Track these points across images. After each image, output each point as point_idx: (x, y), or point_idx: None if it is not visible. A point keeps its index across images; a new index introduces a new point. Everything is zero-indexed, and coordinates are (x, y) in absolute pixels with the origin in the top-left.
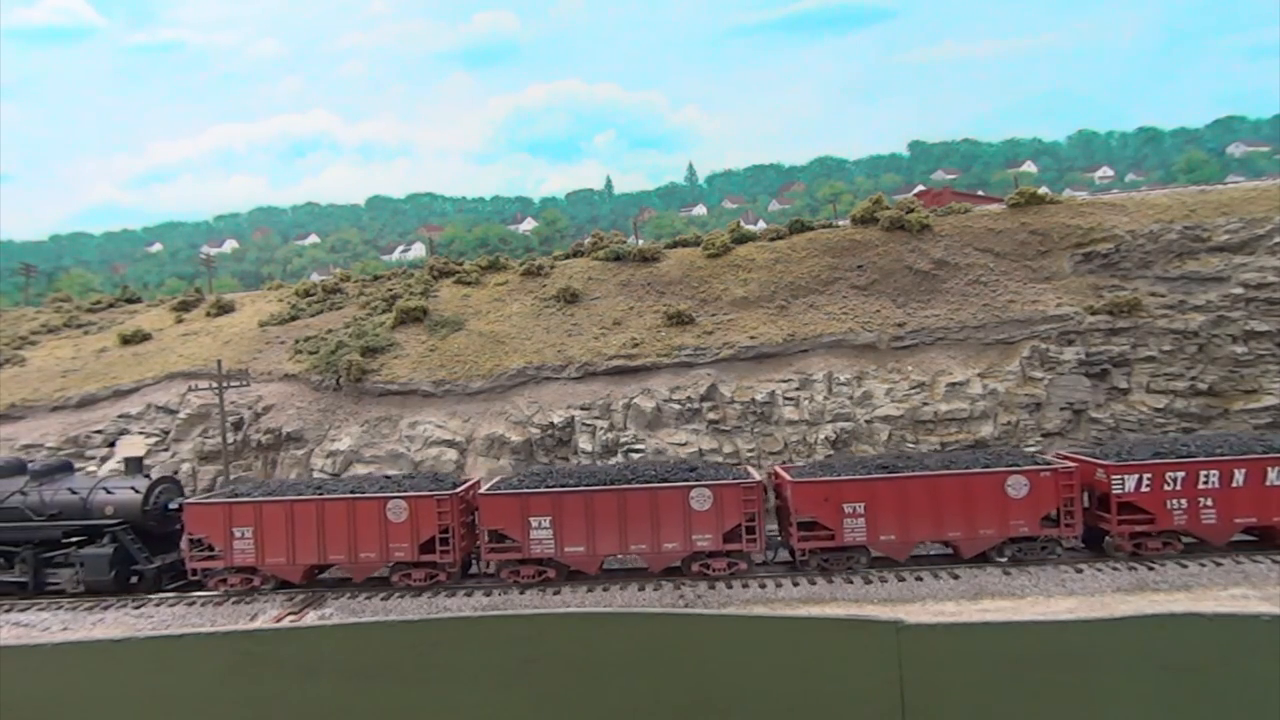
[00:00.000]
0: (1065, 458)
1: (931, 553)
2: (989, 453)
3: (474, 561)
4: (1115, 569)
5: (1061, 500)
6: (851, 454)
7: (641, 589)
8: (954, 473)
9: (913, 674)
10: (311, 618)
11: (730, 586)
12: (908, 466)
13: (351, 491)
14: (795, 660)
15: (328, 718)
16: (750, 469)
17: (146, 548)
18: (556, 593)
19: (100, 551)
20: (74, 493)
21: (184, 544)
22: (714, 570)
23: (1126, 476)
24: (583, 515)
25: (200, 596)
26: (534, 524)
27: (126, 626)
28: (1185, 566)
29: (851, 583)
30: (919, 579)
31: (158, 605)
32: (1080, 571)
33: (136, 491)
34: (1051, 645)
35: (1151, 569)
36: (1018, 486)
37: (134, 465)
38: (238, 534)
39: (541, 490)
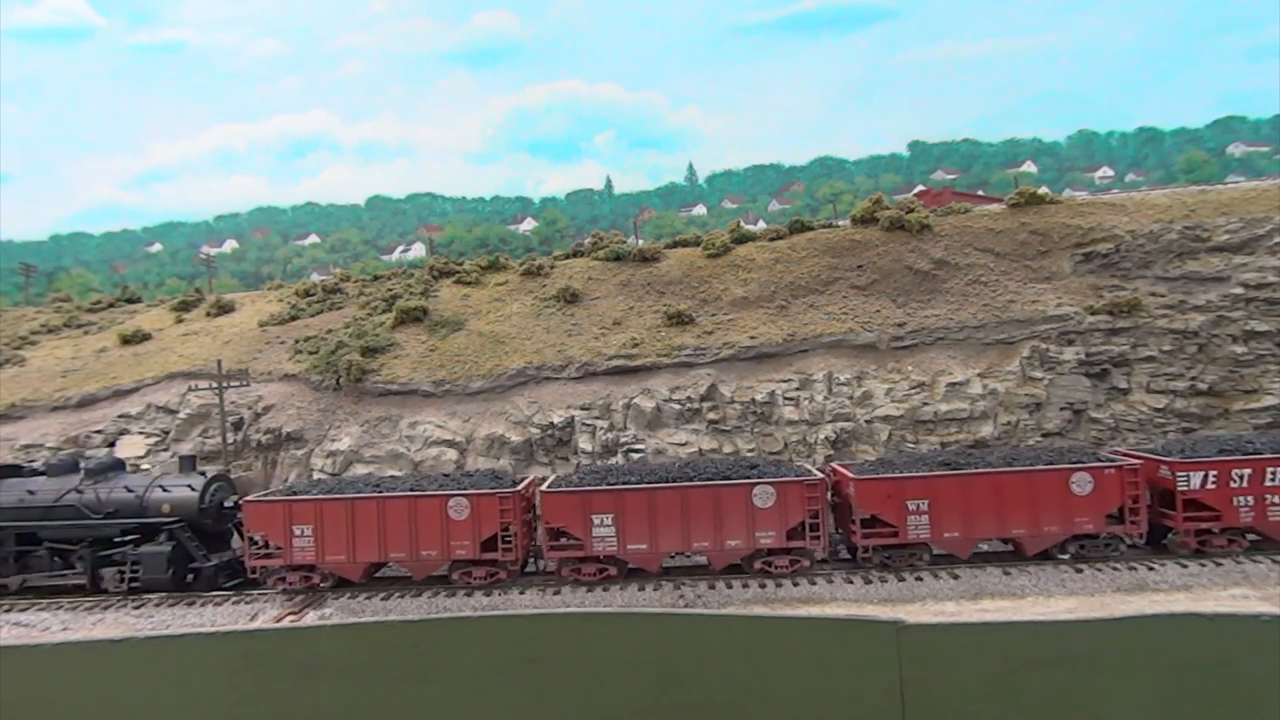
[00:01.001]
0: (1127, 455)
1: (995, 550)
2: (1052, 449)
3: (532, 560)
4: (1115, 569)
5: (1126, 497)
6: (915, 450)
7: (641, 589)
8: (1019, 469)
9: (913, 674)
10: (311, 618)
11: (734, 587)
12: (970, 463)
13: (411, 489)
14: (795, 660)
15: (328, 718)
16: (808, 466)
17: (202, 546)
18: (556, 593)
19: (158, 550)
20: (130, 490)
21: (244, 542)
22: (776, 568)
23: (1192, 473)
24: (645, 513)
25: (201, 596)
26: (596, 521)
27: (126, 626)
28: (1185, 566)
29: (851, 582)
30: (919, 579)
31: (157, 605)
32: (1080, 571)
33: (193, 489)
34: (1051, 645)
35: (1151, 569)
36: (1082, 483)
37: (187, 463)
38: (297, 532)
39: (604, 488)
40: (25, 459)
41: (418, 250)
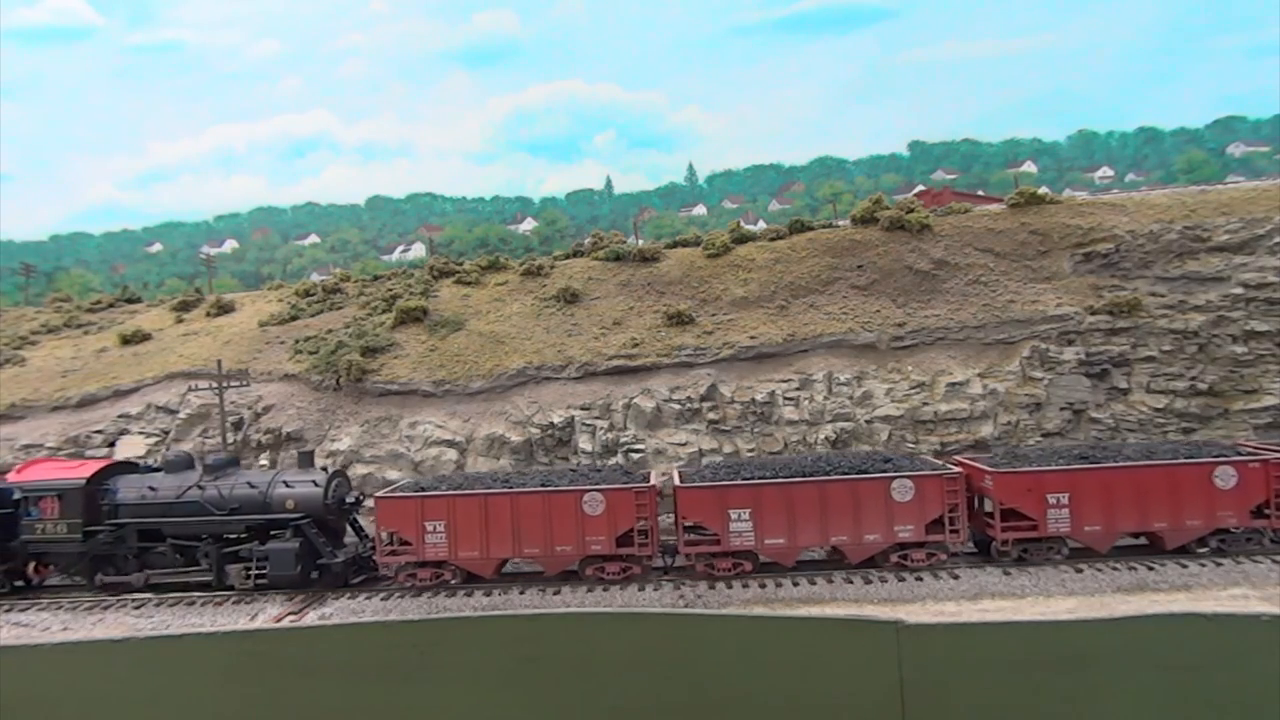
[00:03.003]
0: (1263, 448)
1: (1132, 545)
2: (1193, 443)
3: (659, 554)
4: (1115, 569)
5: (1272, 491)
6: (1053, 444)
7: (641, 589)
8: (1160, 463)
9: (913, 674)
10: (311, 618)
11: (734, 587)
12: (1108, 457)
13: (542, 484)
14: (795, 660)
15: (328, 718)
16: (942, 460)
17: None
18: (556, 593)
19: (287, 546)
20: (253, 486)
21: (376, 538)
22: (913, 561)
23: None
24: (783, 507)
25: (201, 596)
26: (733, 516)
27: (126, 626)
28: (1185, 566)
29: (851, 582)
30: (919, 579)
31: (157, 605)
32: (1080, 571)
33: (317, 485)
34: (1051, 645)
35: (1151, 569)
36: (1226, 477)
37: (305, 459)
38: (429, 527)
39: (740, 482)
40: (25, 459)
41: (418, 250)
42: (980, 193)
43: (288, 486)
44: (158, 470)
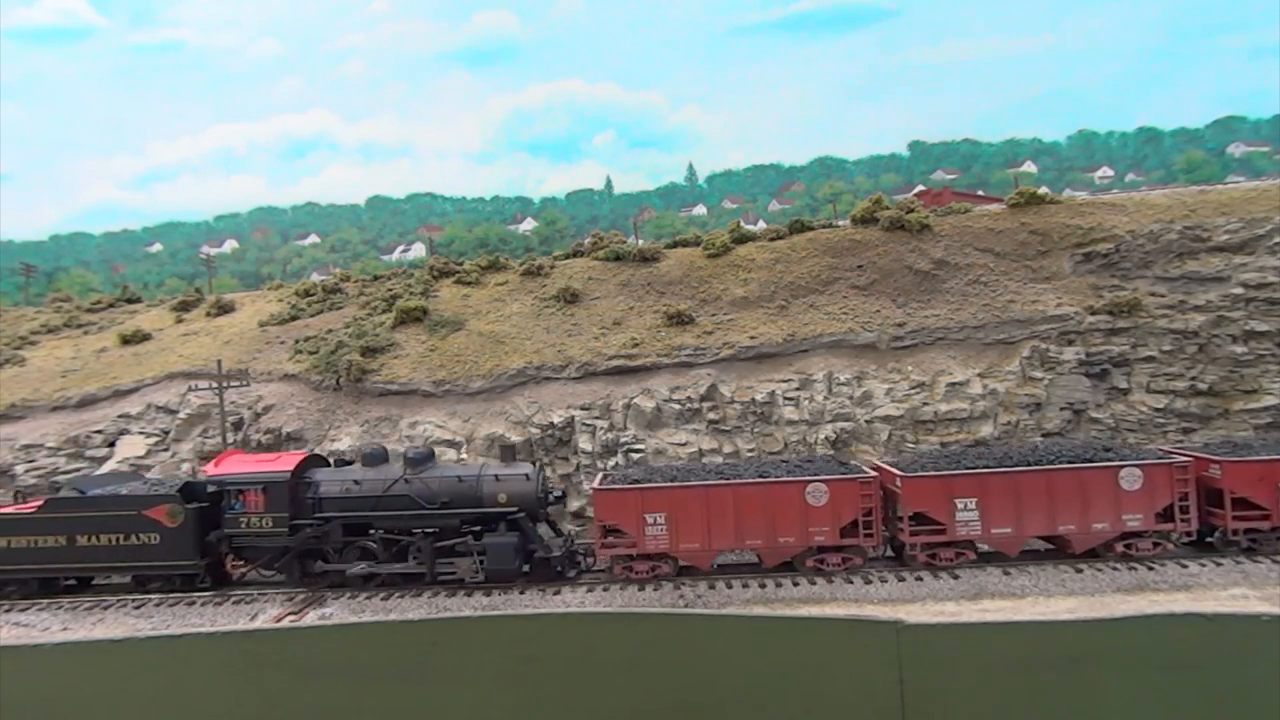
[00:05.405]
0: None
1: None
2: None
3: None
4: (1115, 569)
5: None
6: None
7: (641, 589)
8: None
9: (913, 674)
10: (312, 618)
11: (734, 587)
12: None
13: (760, 475)
14: (795, 660)
15: (328, 718)
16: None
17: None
18: (556, 593)
19: (506, 540)
20: (462, 480)
21: (595, 530)
22: (1137, 550)
23: None
24: (1009, 496)
25: (201, 596)
26: (959, 505)
27: (127, 626)
28: (1185, 566)
29: (851, 583)
30: (919, 579)
31: (157, 605)
32: (1080, 571)
33: (529, 479)
34: (1051, 645)
35: (1151, 569)
36: None
37: (508, 453)
38: (650, 519)
39: (965, 472)
40: (25, 459)
41: (418, 250)
42: (980, 193)
43: (498, 480)
44: (349, 463)
